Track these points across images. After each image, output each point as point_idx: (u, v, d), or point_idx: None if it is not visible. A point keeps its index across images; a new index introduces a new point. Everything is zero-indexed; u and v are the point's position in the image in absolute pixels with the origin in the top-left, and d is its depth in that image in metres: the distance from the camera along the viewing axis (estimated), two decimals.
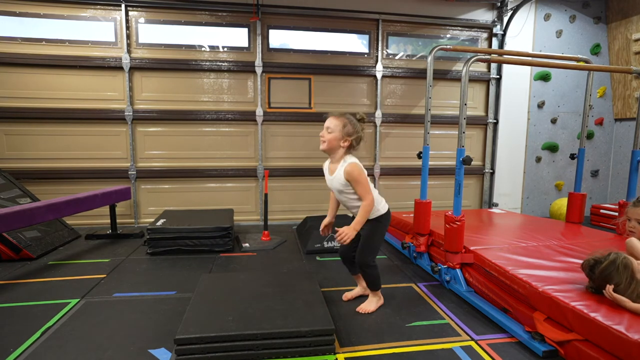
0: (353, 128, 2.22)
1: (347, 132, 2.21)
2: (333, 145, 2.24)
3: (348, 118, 2.23)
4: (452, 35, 5.11)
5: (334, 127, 2.22)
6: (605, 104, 5.43)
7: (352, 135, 2.22)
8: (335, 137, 2.22)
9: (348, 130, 2.21)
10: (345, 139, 2.22)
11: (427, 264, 3.08)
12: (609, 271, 1.87)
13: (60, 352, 1.92)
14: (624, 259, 1.87)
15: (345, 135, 2.21)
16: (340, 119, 2.22)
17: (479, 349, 2.00)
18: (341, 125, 2.21)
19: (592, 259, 1.98)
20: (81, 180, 4.48)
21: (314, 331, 1.87)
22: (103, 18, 4.37)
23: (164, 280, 2.88)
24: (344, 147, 2.23)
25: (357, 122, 2.25)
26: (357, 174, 2.19)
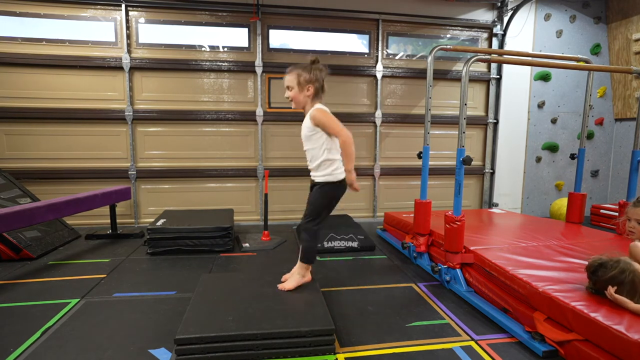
0: (309, 74, 2.21)
1: (305, 80, 2.21)
2: (299, 99, 2.26)
3: (300, 67, 2.23)
4: (452, 35, 5.11)
5: (291, 83, 2.24)
6: (606, 104, 5.43)
7: (311, 81, 2.21)
8: (297, 91, 2.24)
9: (305, 78, 2.21)
10: (307, 87, 2.22)
11: (427, 264, 3.08)
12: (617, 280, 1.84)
13: (60, 352, 1.92)
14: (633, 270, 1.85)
15: (303, 85, 2.22)
16: (293, 73, 2.23)
17: (479, 349, 2.00)
18: (296, 78, 2.22)
19: (597, 262, 1.95)
20: (81, 180, 4.48)
21: (314, 331, 1.87)
22: (103, 18, 4.37)
23: (164, 280, 2.88)
24: (309, 96, 2.24)
25: (311, 67, 2.22)
26: (322, 115, 2.18)
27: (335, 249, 3.63)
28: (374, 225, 4.73)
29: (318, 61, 2.27)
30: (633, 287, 1.83)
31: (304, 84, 2.23)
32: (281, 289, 2.30)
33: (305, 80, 2.22)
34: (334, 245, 3.63)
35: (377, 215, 5.15)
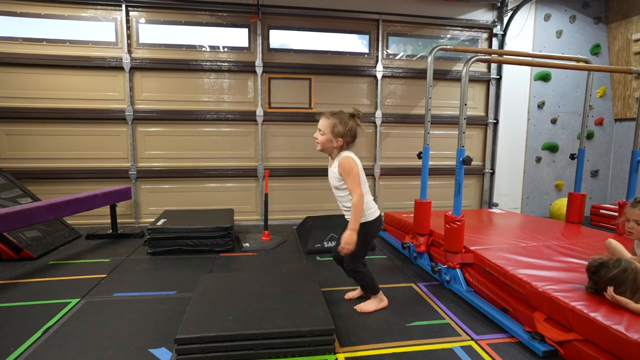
0: (344, 127, 2.20)
1: (338, 133, 2.20)
2: (326, 146, 2.24)
3: (338, 117, 2.21)
4: (452, 35, 5.12)
5: (325, 129, 2.22)
6: (605, 104, 5.43)
7: (344, 135, 2.20)
8: (327, 139, 2.22)
9: (338, 131, 2.20)
10: (337, 140, 2.21)
11: (427, 264, 3.08)
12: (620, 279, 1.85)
13: (61, 352, 1.92)
14: (635, 268, 1.86)
15: (336, 136, 2.21)
16: (329, 120, 2.21)
17: (479, 349, 2.00)
18: (331, 127, 2.20)
19: (598, 262, 1.96)
20: (81, 180, 4.48)
21: (314, 331, 1.87)
22: (103, 18, 4.38)
23: (164, 280, 2.88)
24: (337, 147, 2.23)
25: (348, 120, 2.22)
26: (348, 166, 2.17)
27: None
28: None
29: (359, 116, 2.26)
30: (635, 286, 1.83)
31: (337, 135, 2.21)
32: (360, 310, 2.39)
33: (338, 132, 2.20)
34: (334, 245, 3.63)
35: None
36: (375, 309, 2.41)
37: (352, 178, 2.17)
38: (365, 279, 2.38)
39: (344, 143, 2.23)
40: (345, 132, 2.20)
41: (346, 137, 2.21)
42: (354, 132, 2.23)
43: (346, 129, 2.20)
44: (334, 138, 2.21)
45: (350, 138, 2.24)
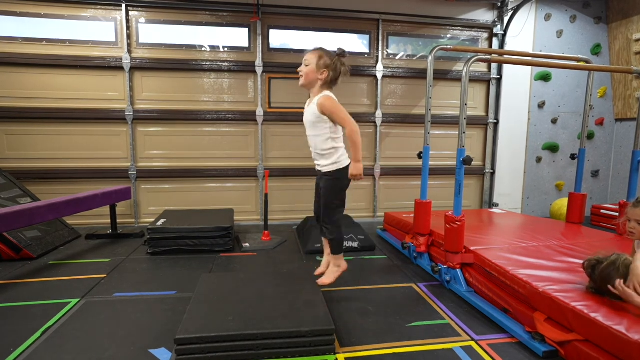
0: (330, 60, 2.22)
1: (324, 64, 2.21)
2: (310, 78, 2.24)
3: (324, 51, 2.24)
4: (452, 35, 5.11)
5: (310, 60, 2.23)
6: (606, 104, 5.42)
7: (328, 67, 2.21)
8: (312, 70, 2.23)
9: (325, 62, 2.21)
10: (322, 71, 2.22)
11: (428, 264, 3.08)
12: (609, 271, 1.88)
13: (61, 352, 1.92)
14: (625, 260, 1.88)
15: (322, 67, 2.21)
16: (315, 52, 2.24)
17: (479, 349, 2.00)
18: (317, 57, 2.22)
19: (594, 259, 1.99)
20: (81, 180, 4.48)
21: (314, 331, 1.87)
22: (103, 18, 4.37)
23: (164, 280, 2.88)
24: (321, 80, 2.24)
25: (334, 55, 2.24)
26: (330, 104, 2.18)
27: None
28: (374, 225, 4.73)
29: (345, 55, 2.29)
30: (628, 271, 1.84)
31: (322, 66, 2.22)
32: (321, 284, 2.37)
33: (324, 64, 2.22)
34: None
35: (377, 215, 5.15)
36: (334, 278, 2.41)
37: (338, 112, 2.17)
38: (335, 233, 2.35)
39: (327, 76, 2.22)
40: (330, 64, 2.22)
41: (330, 69, 2.22)
42: (337, 68, 2.25)
43: (331, 62, 2.22)
44: (318, 69, 2.22)
45: (334, 73, 2.24)
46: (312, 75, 2.24)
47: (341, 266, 2.45)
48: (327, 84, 2.26)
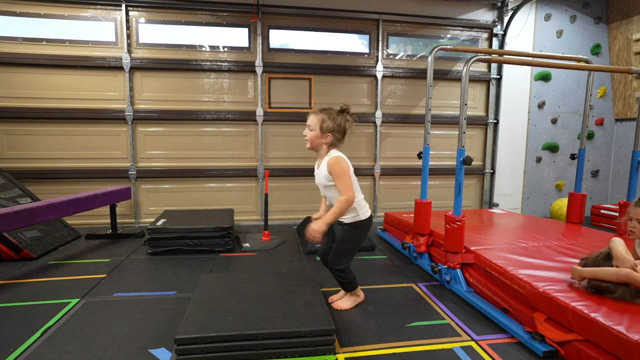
0: (333, 122, 2.18)
1: (327, 128, 2.18)
2: (315, 143, 2.23)
3: (327, 113, 2.20)
4: (452, 35, 5.11)
5: (313, 125, 2.21)
6: (606, 104, 5.42)
7: (333, 130, 2.19)
8: (316, 135, 2.21)
9: (328, 126, 2.18)
10: (326, 135, 2.20)
11: (428, 264, 3.08)
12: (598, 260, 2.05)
13: (60, 352, 1.92)
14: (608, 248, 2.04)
15: (325, 131, 2.19)
16: (318, 116, 2.20)
17: (479, 349, 2.00)
18: (319, 122, 2.19)
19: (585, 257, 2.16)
20: (81, 180, 4.48)
21: (314, 331, 1.87)
22: (103, 18, 4.37)
23: (164, 280, 2.88)
24: (327, 144, 2.22)
25: (337, 116, 2.20)
26: (338, 167, 2.14)
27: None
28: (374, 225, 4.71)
29: (348, 111, 2.25)
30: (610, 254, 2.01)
31: (326, 130, 2.20)
32: (336, 307, 2.38)
33: (327, 128, 2.19)
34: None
35: (377, 215, 5.15)
36: (351, 306, 2.41)
37: (343, 179, 2.14)
38: (346, 277, 2.33)
39: (332, 139, 2.21)
40: (334, 127, 2.19)
41: (335, 132, 2.20)
42: (342, 127, 2.21)
43: (335, 124, 2.19)
44: (322, 134, 2.20)
45: (339, 134, 2.22)
46: (317, 140, 2.22)
47: (360, 296, 2.46)
48: (334, 145, 2.24)
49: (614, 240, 2.04)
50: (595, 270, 1.99)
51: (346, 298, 2.45)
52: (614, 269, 1.92)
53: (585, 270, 2.02)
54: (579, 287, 2.04)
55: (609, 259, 2.00)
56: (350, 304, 2.42)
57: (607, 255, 2.02)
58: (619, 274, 1.88)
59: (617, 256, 1.95)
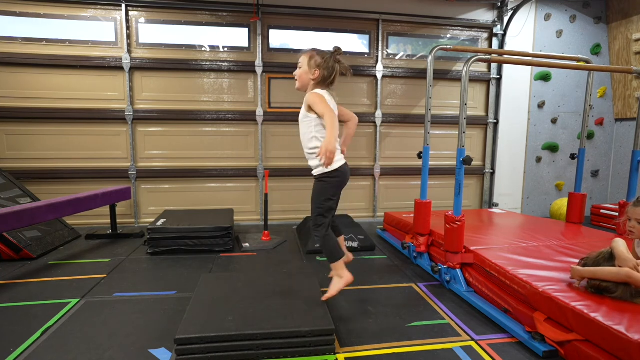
0: (322, 58, 2.16)
1: (315, 63, 2.16)
2: (304, 79, 2.20)
3: (316, 50, 2.19)
4: (452, 35, 5.11)
5: (302, 61, 2.20)
6: (606, 104, 5.42)
7: (320, 65, 2.16)
8: (304, 71, 2.19)
9: (316, 61, 2.16)
10: (314, 71, 2.17)
11: (427, 264, 3.08)
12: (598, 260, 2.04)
13: (60, 352, 1.92)
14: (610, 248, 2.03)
15: (313, 67, 2.17)
16: (307, 53, 2.20)
17: (479, 349, 2.00)
18: (308, 58, 2.18)
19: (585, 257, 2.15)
20: (81, 180, 4.48)
21: (314, 331, 1.87)
22: (103, 18, 4.37)
23: (164, 280, 2.88)
24: (314, 80, 2.18)
25: (327, 54, 2.18)
26: (314, 96, 2.09)
27: None
28: (374, 225, 4.73)
29: (340, 52, 2.22)
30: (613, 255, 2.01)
31: (313, 66, 2.17)
32: (325, 299, 2.16)
33: (315, 63, 2.16)
34: None
35: (377, 215, 5.15)
36: (337, 290, 2.16)
37: (319, 104, 2.06)
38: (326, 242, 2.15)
39: (319, 76, 2.17)
40: (322, 62, 2.16)
41: (322, 68, 2.16)
42: (331, 65, 2.18)
43: (323, 60, 2.16)
44: (309, 69, 2.17)
45: (327, 72, 2.17)
46: (305, 76, 2.19)
47: (344, 277, 2.18)
48: (320, 84, 2.20)
49: (616, 241, 2.04)
50: (595, 270, 1.99)
51: (332, 285, 2.21)
52: (614, 268, 1.92)
53: (585, 270, 2.02)
54: (579, 287, 2.04)
55: (611, 260, 2.00)
56: (337, 288, 2.16)
57: (610, 255, 2.02)
58: (619, 274, 1.88)
59: (619, 256, 1.95)
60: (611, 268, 1.94)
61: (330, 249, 2.17)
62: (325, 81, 2.19)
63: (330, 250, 2.17)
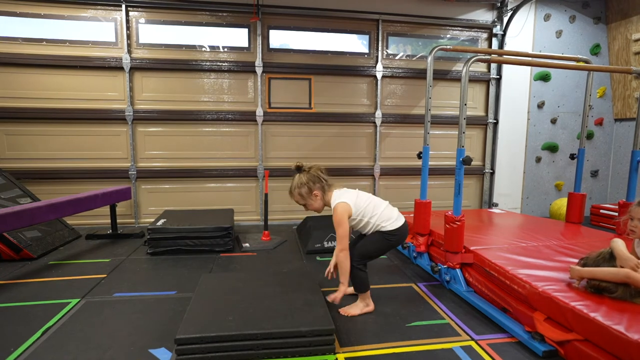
0: (305, 183, 2.28)
1: (308, 190, 2.28)
2: (317, 205, 2.33)
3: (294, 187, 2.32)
4: (452, 35, 5.12)
5: (301, 200, 2.32)
6: (605, 104, 5.43)
7: (311, 188, 2.28)
8: (311, 203, 2.32)
9: (305, 191, 2.29)
10: (314, 194, 2.29)
11: (427, 264, 3.08)
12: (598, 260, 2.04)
13: (61, 352, 1.92)
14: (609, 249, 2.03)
15: (309, 195, 2.29)
16: (294, 196, 2.34)
17: (479, 349, 2.00)
18: (300, 197, 2.31)
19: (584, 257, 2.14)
20: (81, 180, 4.48)
21: (314, 331, 1.87)
22: (103, 18, 4.38)
23: (164, 280, 2.88)
24: (319, 197, 2.30)
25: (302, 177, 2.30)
26: (336, 218, 2.24)
27: None
28: None
29: (301, 165, 2.36)
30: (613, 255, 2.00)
31: (308, 193, 2.29)
32: (344, 313, 2.35)
33: (308, 190, 2.29)
34: (334, 245, 3.62)
35: None
36: (359, 313, 2.35)
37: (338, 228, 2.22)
38: (359, 277, 2.35)
39: (320, 190, 2.29)
40: (309, 185, 2.28)
41: (314, 186, 2.28)
42: (314, 176, 2.30)
43: (306, 181, 2.29)
44: (312, 198, 2.30)
45: (319, 182, 2.30)
46: (316, 203, 2.33)
47: (369, 305, 2.39)
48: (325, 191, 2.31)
49: (616, 241, 2.04)
50: (595, 270, 1.99)
51: (355, 304, 2.40)
52: (613, 269, 1.92)
53: (584, 270, 2.02)
54: (579, 287, 2.04)
55: (611, 260, 2.00)
56: (358, 310, 2.37)
57: (609, 256, 2.02)
58: (618, 274, 1.88)
59: (619, 255, 1.95)
60: (610, 268, 1.94)
61: (364, 280, 2.36)
62: (324, 187, 2.31)
63: (363, 281, 2.35)
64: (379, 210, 2.32)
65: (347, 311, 2.36)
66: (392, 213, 2.38)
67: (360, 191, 2.40)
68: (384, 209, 2.35)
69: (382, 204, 2.38)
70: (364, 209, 2.29)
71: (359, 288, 2.38)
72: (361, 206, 2.29)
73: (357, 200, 2.30)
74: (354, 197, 2.31)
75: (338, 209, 2.24)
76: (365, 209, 2.30)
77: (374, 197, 2.40)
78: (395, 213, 2.39)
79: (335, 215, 2.24)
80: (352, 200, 2.28)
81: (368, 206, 2.31)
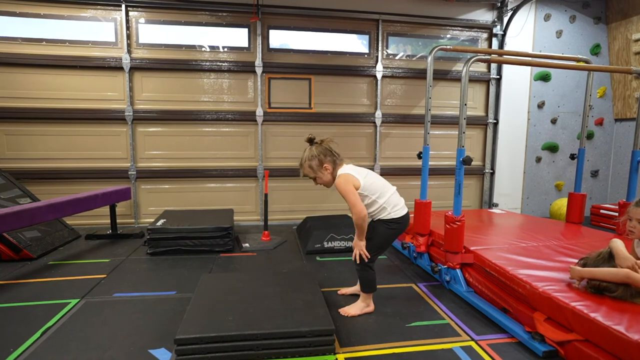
0: (316, 156, 2.25)
1: (319, 163, 2.25)
2: (326, 179, 2.29)
3: (305, 158, 2.27)
4: (452, 35, 5.12)
5: (310, 173, 2.29)
6: (605, 104, 5.43)
7: (322, 158, 2.25)
8: (319, 177, 2.28)
9: (316, 163, 2.25)
10: (324, 168, 2.26)
11: (427, 264, 3.08)
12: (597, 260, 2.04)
13: (61, 352, 1.92)
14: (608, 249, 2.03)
15: (319, 168, 2.26)
16: (304, 168, 2.29)
17: (479, 349, 2.00)
18: (310, 169, 2.27)
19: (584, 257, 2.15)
20: (81, 180, 4.48)
21: (314, 331, 1.87)
22: (103, 18, 4.37)
23: (164, 280, 2.88)
24: (329, 170, 2.27)
25: (312, 149, 2.27)
26: (341, 187, 2.21)
27: (336, 249, 3.64)
28: None
29: (313, 137, 2.31)
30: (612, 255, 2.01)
31: (319, 166, 2.26)
32: (344, 313, 2.34)
33: (319, 163, 2.25)
34: (334, 246, 3.64)
35: None
36: (359, 313, 2.35)
37: (347, 197, 2.19)
38: (365, 275, 2.35)
39: (330, 163, 2.26)
40: (320, 157, 2.25)
41: (325, 159, 2.25)
42: (326, 149, 2.27)
43: (317, 153, 2.25)
44: (322, 171, 2.26)
45: (330, 156, 2.27)
46: (325, 177, 2.28)
47: (369, 306, 2.39)
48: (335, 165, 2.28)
49: (614, 241, 2.04)
50: (594, 270, 1.99)
51: (355, 304, 2.40)
52: (613, 269, 1.92)
53: (584, 271, 2.02)
54: (579, 287, 2.04)
55: (610, 260, 2.00)
56: (358, 311, 2.36)
57: (609, 256, 2.02)
58: (618, 274, 1.88)
59: (619, 255, 1.95)
60: (610, 268, 1.94)
61: (371, 281, 2.36)
62: (335, 161, 2.29)
63: (371, 281, 2.36)
64: (387, 193, 2.31)
65: (347, 311, 2.36)
66: (400, 201, 2.38)
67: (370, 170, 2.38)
68: (392, 194, 2.34)
69: (391, 188, 2.37)
70: (373, 185, 2.27)
71: (365, 288, 2.38)
72: (369, 183, 2.26)
73: (366, 177, 2.27)
74: (363, 173, 2.29)
75: (340, 179, 2.22)
76: (373, 186, 2.26)
77: (384, 180, 2.38)
78: (402, 201, 2.39)
79: (338, 186, 2.21)
80: (362, 175, 2.26)
81: (376, 184, 2.28)
